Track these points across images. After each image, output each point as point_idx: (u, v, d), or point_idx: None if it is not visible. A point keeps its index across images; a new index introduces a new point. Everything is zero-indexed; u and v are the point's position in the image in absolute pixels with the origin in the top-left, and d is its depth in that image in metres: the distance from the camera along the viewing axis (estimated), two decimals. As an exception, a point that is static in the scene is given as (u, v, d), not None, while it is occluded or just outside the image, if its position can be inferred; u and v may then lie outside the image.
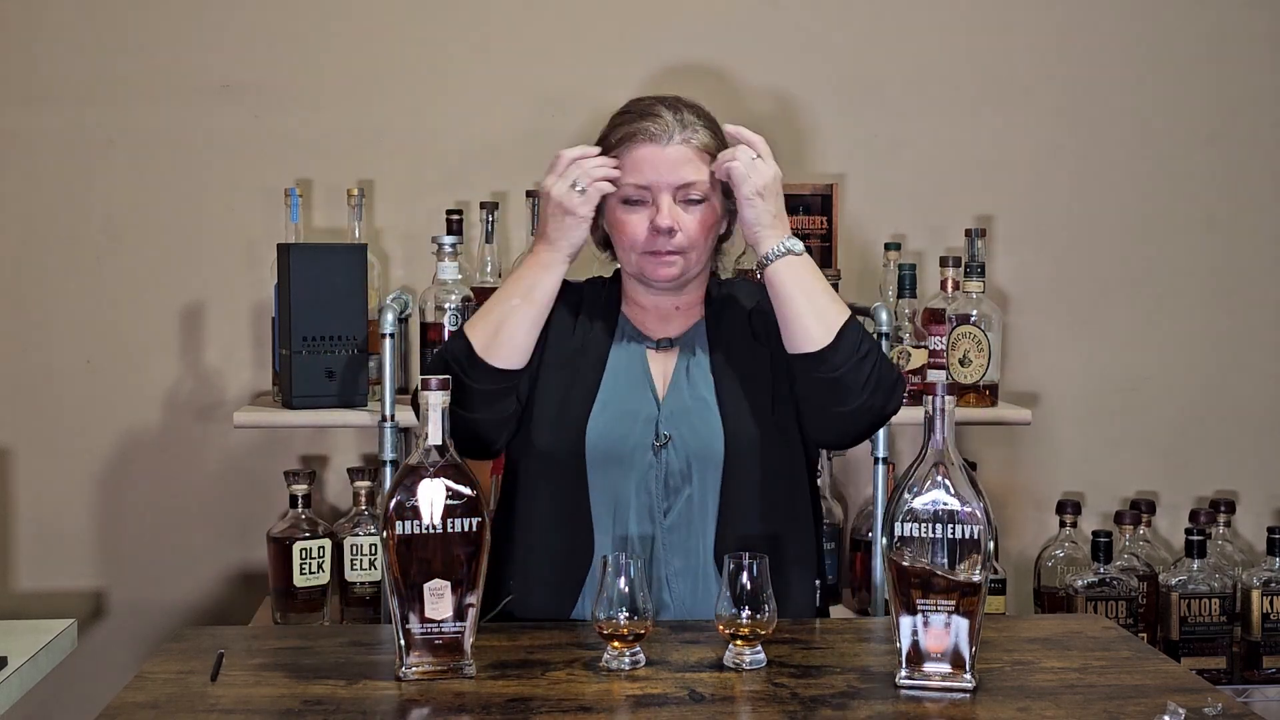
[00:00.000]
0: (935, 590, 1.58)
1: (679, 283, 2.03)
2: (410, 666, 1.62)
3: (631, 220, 1.98)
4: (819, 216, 2.69)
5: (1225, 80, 2.99)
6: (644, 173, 1.96)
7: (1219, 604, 2.63)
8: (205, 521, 2.86)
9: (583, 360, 2.03)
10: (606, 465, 1.96)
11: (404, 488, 1.61)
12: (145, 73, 2.81)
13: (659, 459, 1.97)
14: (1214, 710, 1.53)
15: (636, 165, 1.96)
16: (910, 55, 2.94)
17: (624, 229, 1.99)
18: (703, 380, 2.02)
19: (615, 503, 1.96)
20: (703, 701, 1.56)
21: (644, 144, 1.96)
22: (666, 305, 2.07)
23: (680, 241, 1.96)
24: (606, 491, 1.96)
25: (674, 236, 1.95)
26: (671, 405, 2.00)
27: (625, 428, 1.97)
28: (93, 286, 2.83)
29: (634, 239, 1.98)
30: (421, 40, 2.85)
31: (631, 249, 1.99)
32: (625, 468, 1.96)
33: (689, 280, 2.04)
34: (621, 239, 2.00)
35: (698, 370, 2.03)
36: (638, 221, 1.97)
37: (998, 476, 2.95)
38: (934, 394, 1.59)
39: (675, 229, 1.95)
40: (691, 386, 2.02)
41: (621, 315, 2.08)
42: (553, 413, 1.99)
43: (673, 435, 1.97)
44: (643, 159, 1.96)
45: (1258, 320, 3.02)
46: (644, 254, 1.98)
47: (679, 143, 1.96)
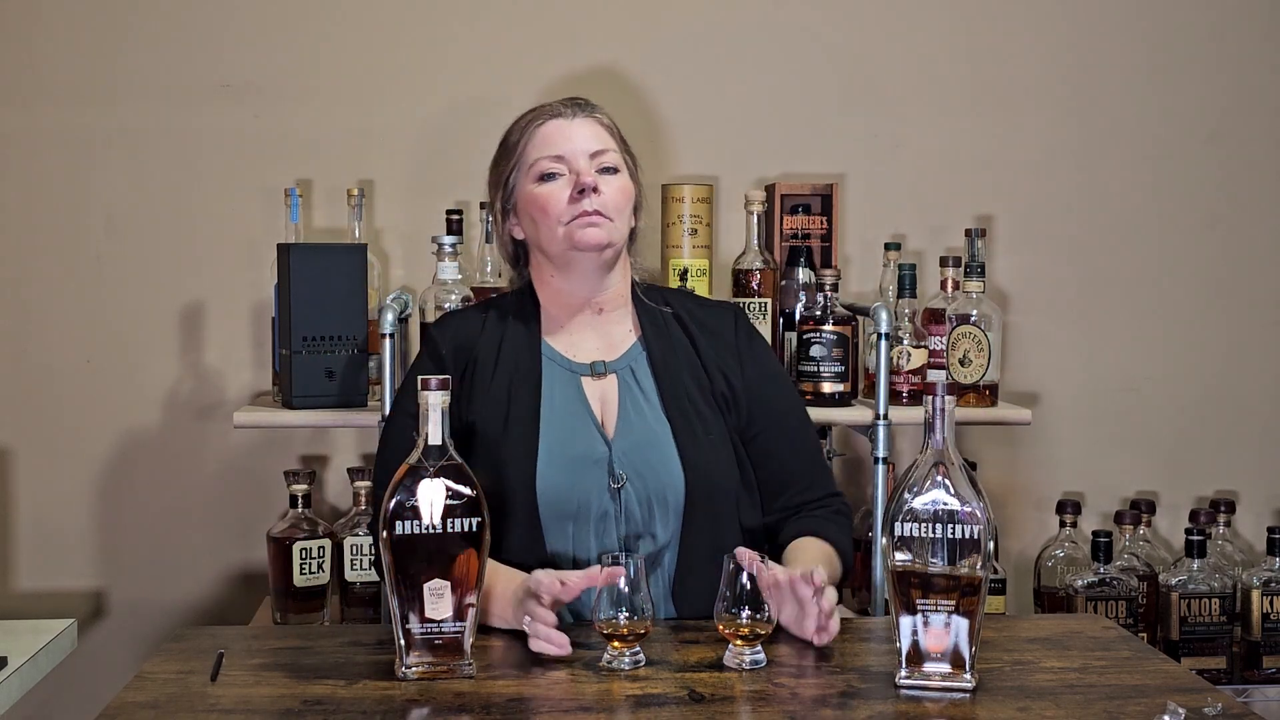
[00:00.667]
0: (935, 590, 1.58)
1: (605, 258, 1.95)
2: (410, 666, 1.62)
3: (550, 190, 1.93)
4: (819, 216, 2.69)
5: (1225, 80, 2.99)
6: (556, 144, 1.95)
7: (1219, 604, 2.63)
8: (205, 521, 2.86)
9: (515, 398, 1.94)
10: (560, 516, 1.90)
11: (404, 488, 1.61)
12: (145, 73, 2.81)
13: (617, 502, 1.91)
14: (1214, 710, 1.53)
15: (547, 140, 1.95)
16: (910, 55, 2.94)
17: (545, 201, 1.93)
18: (652, 413, 1.96)
19: (574, 552, 1.90)
20: (703, 701, 1.56)
21: (550, 120, 1.97)
22: (588, 303, 1.99)
23: (604, 202, 1.92)
24: (563, 538, 1.90)
25: (599, 195, 1.92)
26: (623, 442, 1.93)
27: (576, 474, 1.90)
28: (93, 286, 2.83)
29: (558, 208, 1.92)
30: (421, 40, 2.86)
31: (558, 221, 1.93)
32: (581, 518, 1.90)
33: (612, 261, 1.98)
34: (543, 215, 1.94)
35: (644, 400, 1.97)
36: (557, 190, 1.93)
37: (998, 476, 2.95)
38: (934, 394, 1.59)
39: (599, 188, 1.92)
40: (641, 419, 1.95)
41: (544, 343, 2.00)
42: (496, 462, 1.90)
43: (629, 475, 1.91)
44: (551, 132, 1.96)
45: (1258, 320, 3.02)
46: (570, 223, 1.92)
47: (584, 117, 1.98)
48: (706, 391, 1.99)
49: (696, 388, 1.98)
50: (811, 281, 2.62)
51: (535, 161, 1.95)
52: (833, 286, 2.56)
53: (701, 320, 2.06)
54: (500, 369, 1.98)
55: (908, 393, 2.57)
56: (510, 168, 1.99)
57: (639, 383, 1.98)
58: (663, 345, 2.01)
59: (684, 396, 1.97)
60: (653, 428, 1.95)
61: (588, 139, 1.96)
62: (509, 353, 1.99)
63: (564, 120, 1.96)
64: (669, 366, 1.99)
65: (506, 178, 1.99)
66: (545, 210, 1.94)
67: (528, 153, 1.97)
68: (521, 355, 1.99)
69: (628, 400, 1.97)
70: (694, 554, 1.91)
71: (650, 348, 2.01)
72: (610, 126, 2.01)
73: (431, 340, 2.05)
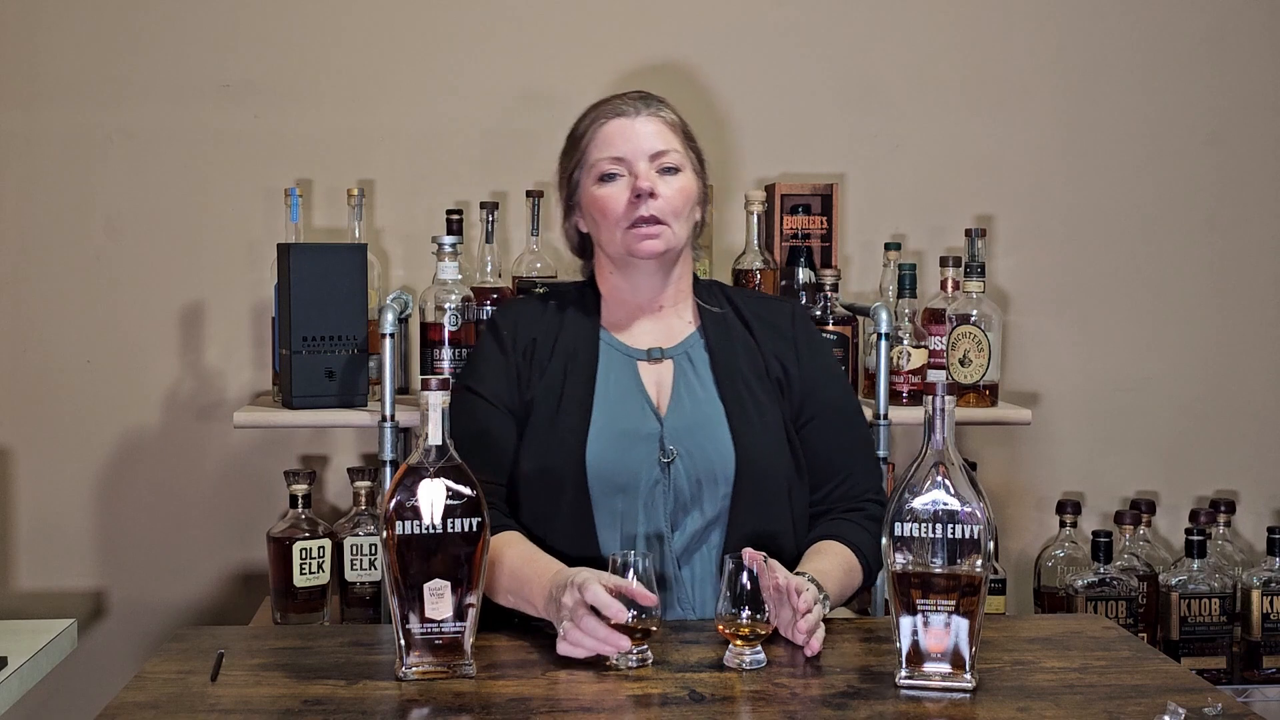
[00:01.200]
0: (935, 590, 1.58)
1: (664, 261, 1.99)
2: (410, 666, 1.62)
3: (610, 193, 1.95)
4: (819, 216, 2.69)
5: (1225, 80, 2.99)
6: (616, 145, 1.96)
7: (1219, 604, 2.63)
8: (205, 521, 2.86)
9: (570, 379, 1.98)
10: (610, 489, 1.92)
11: (404, 488, 1.61)
12: (145, 72, 2.81)
13: (666, 476, 1.93)
14: (1214, 710, 1.53)
15: (608, 140, 1.96)
16: (910, 55, 2.94)
17: (604, 204, 1.96)
18: (705, 394, 1.99)
19: (622, 526, 1.92)
20: (703, 701, 1.56)
21: (613, 119, 1.97)
22: (649, 300, 2.03)
23: (661, 207, 1.93)
24: (612, 514, 1.92)
25: (655, 199, 1.93)
26: (675, 420, 1.95)
27: (626, 447, 1.93)
28: (93, 286, 2.83)
29: (615, 211, 1.94)
30: (421, 40, 2.86)
31: (616, 225, 1.95)
32: (630, 490, 1.92)
33: (672, 261, 2.01)
34: (603, 217, 1.96)
35: (699, 384, 2.00)
36: (616, 193, 1.95)
37: (998, 476, 2.95)
38: (934, 394, 1.59)
39: (656, 192, 1.93)
40: (694, 400, 1.98)
41: (603, 332, 2.04)
42: (548, 439, 1.94)
43: (679, 451, 1.93)
44: (613, 132, 1.96)
45: (1258, 320, 3.02)
46: (628, 228, 1.94)
47: (648, 116, 1.98)
48: (762, 376, 2.01)
49: (752, 372, 2.01)
50: (811, 281, 2.62)
51: (596, 162, 1.97)
52: (833, 286, 2.56)
53: (759, 313, 2.08)
54: (558, 353, 2.01)
55: (908, 393, 2.57)
56: (574, 165, 2.01)
57: (695, 367, 2.01)
58: (720, 333, 2.04)
59: (739, 380, 2.00)
60: (705, 408, 1.97)
61: (649, 138, 1.96)
62: (567, 339, 2.02)
63: (626, 119, 1.97)
64: (725, 352, 2.01)
65: (571, 173, 2.02)
66: (604, 213, 1.96)
67: (590, 152, 1.98)
68: (580, 340, 2.02)
69: (682, 383, 2.00)
70: (742, 532, 1.92)
71: (708, 336, 2.03)
72: (674, 123, 2.00)
73: (494, 324, 2.08)
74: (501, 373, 2.01)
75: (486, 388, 2.01)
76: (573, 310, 2.06)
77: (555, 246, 2.84)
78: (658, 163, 1.96)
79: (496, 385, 2.00)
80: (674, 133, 1.99)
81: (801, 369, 2.04)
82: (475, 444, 1.93)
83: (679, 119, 2.02)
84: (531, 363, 2.01)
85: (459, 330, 2.47)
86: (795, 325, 2.09)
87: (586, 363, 2.00)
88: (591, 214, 1.99)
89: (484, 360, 2.05)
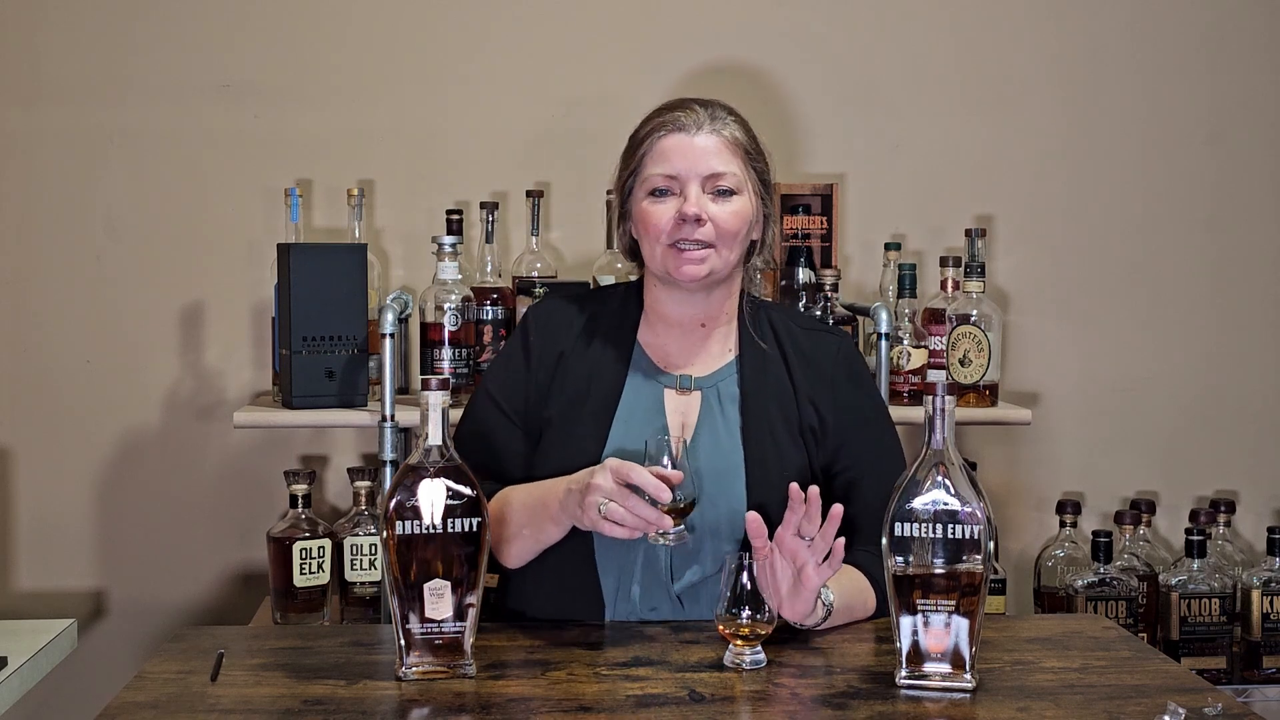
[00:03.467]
0: (935, 590, 1.58)
1: (707, 283, 1.92)
2: (410, 666, 1.62)
3: (657, 210, 1.88)
4: (819, 216, 2.69)
5: (1225, 80, 2.99)
6: (671, 161, 1.88)
7: (1219, 604, 2.63)
8: (205, 521, 2.86)
9: (593, 394, 1.93)
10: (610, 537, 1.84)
11: (404, 488, 1.61)
12: (145, 72, 2.81)
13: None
14: (1214, 710, 1.53)
15: (664, 155, 1.89)
16: (910, 55, 2.94)
17: (649, 219, 1.89)
18: (728, 438, 1.92)
19: (620, 568, 1.88)
20: (703, 701, 1.56)
21: (672, 134, 1.89)
22: (690, 319, 1.97)
23: (709, 233, 1.86)
24: (610, 550, 1.88)
25: (702, 225, 1.86)
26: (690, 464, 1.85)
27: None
28: (93, 286, 2.83)
29: (659, 229, 1.87)
30: (421, 40, 2.85)
31: (656, 241, 1.89)
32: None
33: (717, 283, 1.93)
34: (646, 231, 1.90)
35: (723, 424, 1.92)
36: (663, 211, 1.88)
37: (998, 476, 2.95)
38: (934, 394, 1.59)
39: (703, 218, 1.86)
40: (715, 442, 1.90)
41: (637, 345, 1.98)
42: (561, 455, 1.89)
43: None
44: (670, 148, 1.89)
45: (1257, 320, 3.02)
46: (669, 247, 1.88)
47: (708, 132, 1.89)
48: (793, 425, 1.94)
49: (782, 420, 1.93)
50: (811, 281, 2.62)
51: (649, 176, 1.90)
52: (833, 286, 2.56)
53: (803, 347, 1.99)
54: (586, 365, 1.96)
55: (908, 393, 2.57)
56: (630, 173, 1.94)
57: (723, 406, 1.94)
58: (756, 370, 1.95)
59: (765, 429, 1.92)
60: (726, 454, 1.90)
61: (706, 158, 1.88)
62: (598, 350, 1.97)
63: (686, 136, 1.89)
64: (758, 394, 1.93)
65: (626, 181, 1.95)
66: (647, 229, 1.90)
67: (645, 164, 1.91)
68: (611, 351, 1.96)
69: (705, 421, 1.93)
70: None
71: (744, 371, 1.96)
72: (737, 141, 1.91)
73: (525, 328, 2.02)
74: (520, 383, 1.98)
75: (502, 394, 1.98)
76: (610, 319, 2.00)
77: (555, 246, 2.85)
78: (712, 185, 1.88)
79: (513, 395, 1.97)
80: (734, 152, 1.90)
81: (836, 416, 1.95)
82: (477, 444, 1.94)
83: (744, 135, 1.93)
84: (555, 376, 1.96)
85: (459, 330, 2.47)
86: (836, 365, 1.99)
87: (613, 381, 1.94)
88: (639, 227, 1.93)
89: (507, 364, 2.01)
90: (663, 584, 1.88)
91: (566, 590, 1.90)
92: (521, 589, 1.95)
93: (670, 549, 1.84)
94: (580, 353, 1.97)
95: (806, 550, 1.67)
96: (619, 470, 1.69)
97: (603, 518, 1.68)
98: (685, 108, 1.92)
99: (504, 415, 1.97)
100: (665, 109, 1.94)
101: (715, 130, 1.90)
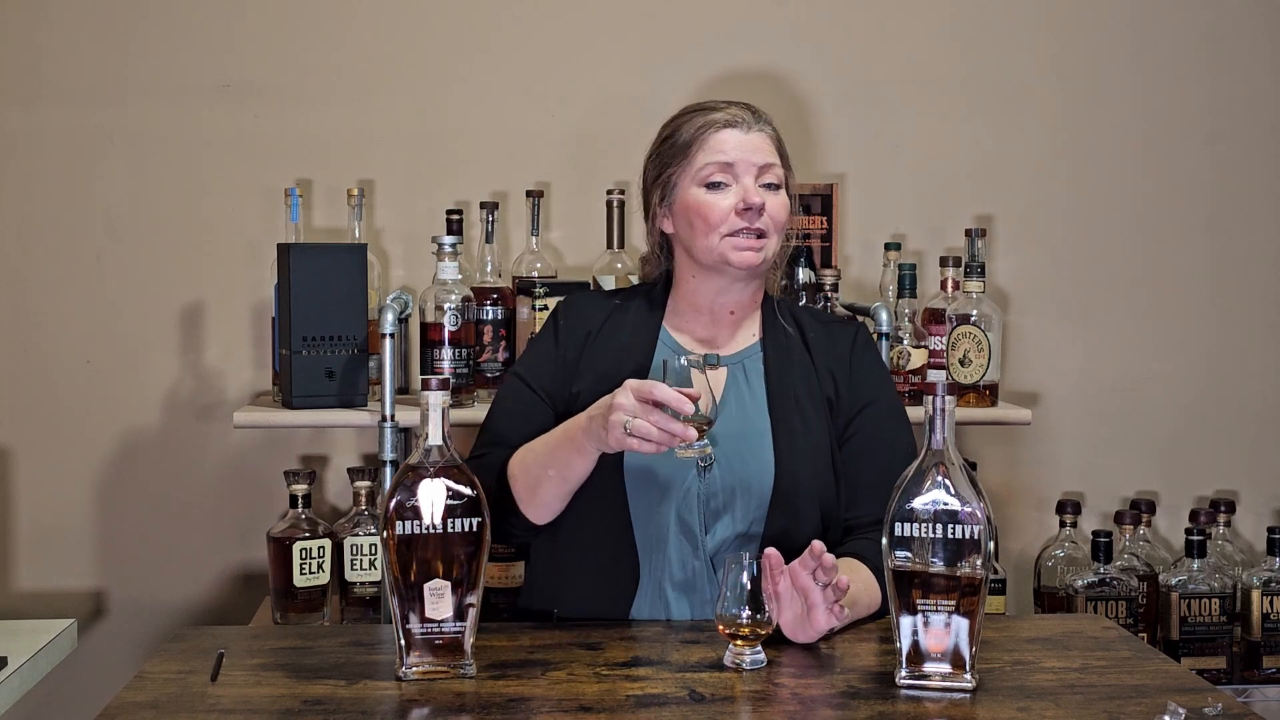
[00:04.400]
0: (935, 590, 1.58)
1: (758, 271, 1.99)
2: (410, 666, 1.62)
3: (716, 200, 1.95)
4: (819, 216, 2.69)
5: (1225, 80, 2.99)
6: (728, 152, 1.95)
7: (1219, 604, 2.63)
8: (205, 521, 2.86)
9: (621, 371, 1.95)
10: (645, 485, 1.92)
11: (404, 488, 1.61)
12: (145, 72, 2.81)
13: (702, 482, 1.92)
14: (1214, 710, 1.53)
15: (719, 147, 1.95)
16: (910, 55, 2.94)
17: (708, 210, 1.95)
18: (755, 406, 1.99)
19: (655, 527, 1.93)
20: (703, 701, 1.56)
21: (725, 129, 1.97)
22: (723, 308, 2.03)
23: (767, 222, 1.95)
24: (647, 510, 1.93)
25: (762, 215, 1.94)
26: (720, 426, 1.90)
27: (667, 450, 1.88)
28: (93, 286, 2.83)
29: (720, 218, 1.94)
30: (422, 40, 2.85)
31: (715, 230, 1.94)
32: (665, 490, 1.92)
33: (761, 273, 2.01)
34: (703, 222, 1.95)
35: (750, 395, 1.99)
36: (721, 201, 1.94)
37: (998, 476, 2.95)
38: (934, 394, 1.59)
39: (764, 207, 1.94)
40: (742, 410, 1.97)
41: (663, 329, 2.05)
42: None
43: (717, 458, 1.92)
44: (725, 140, 1.96)
45: (1257, 320, 3.02)
46: (728, 236, 1.94)
47: (757, 129, 1.98)
48: (815, 395, 2.01)
49: (805, 391, 2.01)
50: (811, 281, 2.62)
51: (703, 166, 1.96)
52: (833, 286, 2.56)
53: (822, 336, 2.07)
54: (614, 346, 2.01)
55: (908, 393, 2.57)
56: (675, 166, 1.99)
57: (748, 379, 2.01)
58: (779, 347, 2.03)
59: (790, 397, 1.99)
60: (752, 420, 1.97)
61: (759, 151, 1.97)
62: (625, 333, 2.03)
63: (739, 131, 1.97)
64: (782, 368, 2.01)
65: (670, 175, 2.00)
66: (706, 219, 1.95)
67: (697, 157, 1.97)
68: (639, 338, 2.03)
69: (732, 392, 2.00)
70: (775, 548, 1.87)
71: (767, 349, 2.03)
72: (776, 139, 2.01)
73: (555, 314, 2.10)
74: (548, 360, 2.04)
75: (529, 372, 2.04)
76: (637, 307, 2.07)
77: (555, 246, 2.85)
78: (763, 178, 1.96)
79: (540, 372, 2.03)
80: (776, 149, 2.00)
81: (852, 390, 2.03)
82: (504, 419, 2.00)
83: (779, 136, 2.02)
84: (583, 354, 2.02)
85: (459, 330, 2.47)
86: (854, 348, 2.07)
87: (640, 359, 2.00)
88: (689, 217, 1.97)
89: (535, 346, 2.09)
90: (696, 541, 1.92)
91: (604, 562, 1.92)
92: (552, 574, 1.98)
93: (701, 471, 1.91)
94: (608, 334, 2.04)
95: (818, 593, 1.70)
96: (640, 389, 1.72)
97: (628, 435, 1.71)
98: (727, 107, 2.00)
99: (531, 390, 2.02)
100: (706, 109, 2.00)
101: (761, 128, 1.99)
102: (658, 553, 1.93)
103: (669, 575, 1.92)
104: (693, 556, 1.92)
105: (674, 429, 1.70)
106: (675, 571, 1.92)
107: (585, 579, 1.95)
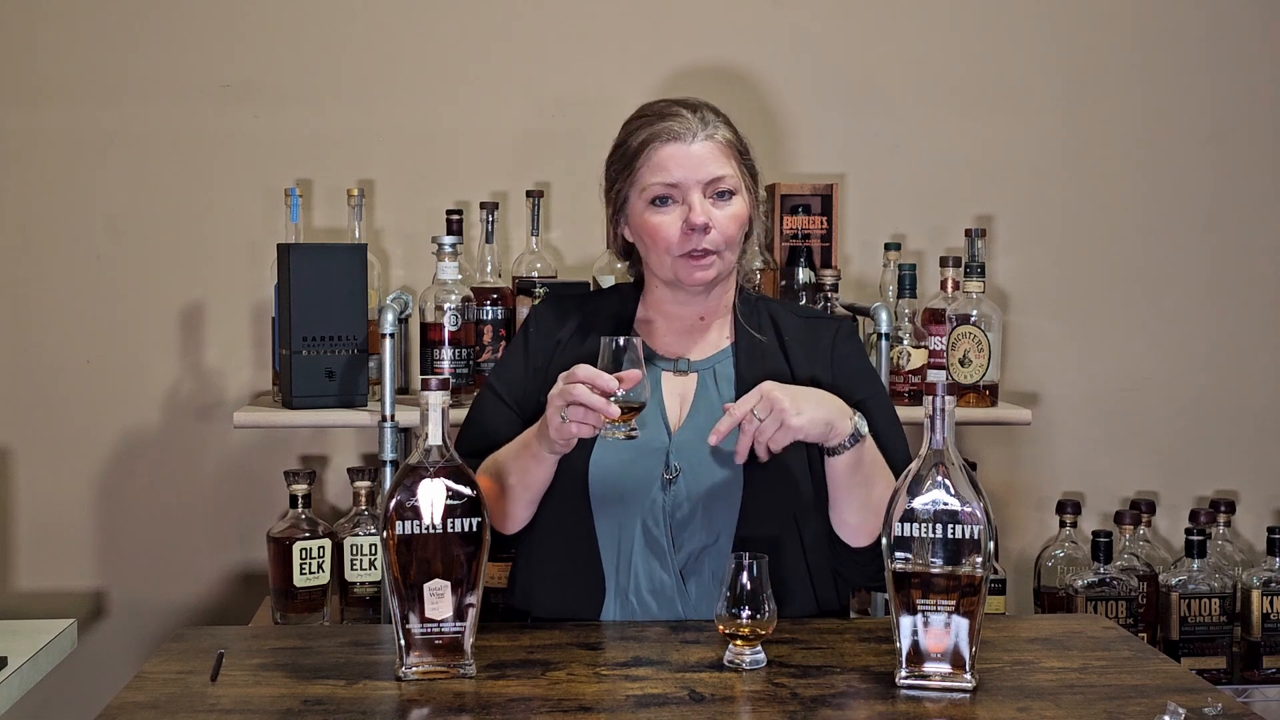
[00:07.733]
0: (935, 590, 1.58)
1: (713, 285, 1.97)
2: (410, 666, 1.62)
3: (663, 222, 1.92)
4: (819, 216, 2.69)
5: (1225, 80, 2.99)
6: (671, 171, 1.91)
7: (1219, 604, 2.63)
8: (205, 521, 2.86)
9: None
10: (610, 498, 1.90)
11: (404, 488, 1.61)
12: (145, 72, 2.81)
13: (667, 494, 1.90)
14: (1214, 710, 1.53)
15: (662, 165, 1.91)
16: (910, 55, 2.94)
17: (656, 232, 1.92)
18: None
19: (620, 539, 1.90)
20: (703, 701, 1.56)
21: (668, 143, 1.92)
22: (691, 314, 2.01)
23: (715, 239, 1.91)
24: (613, 523, 1.91)
25: (709, 233, 1.90)
26: (686, 435, 1.92)
27: (630, 459, 1.89)
28: (93, 286, 2.83)
29: (668, 241, 1.91)
30: (421, 40, 2.86)
31: (666, 252, 1.92)
32: (630, 502, 1.90)
33: (718, 283, 1.98)
34: (654, 243, 1.93)
35: (719, 401, 1.94)
36: (670, 223, 1.91)
37: (998, 476, 2.95)
38: (934, 394, 1.59)
39: (710, 225, 1.90)
40: (710, 418, 1.91)
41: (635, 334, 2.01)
42: None
43: (683, 469, 1.90)
44: (668, 157, 1.91)
45: (1257, 320, 3.02)
46: (679, 257, 1.92)
47: (703, 139, 1.92)
48: None
49: None
50: (811, 281, 2.62)
51: (649, 185, 1.92)
52: (833, 286, 2.56)
53: (801, 336, 2.03)
54: (585, 347, 1.98)
55: (908, 393, 2.57)
56: (624, 181, 1.96)
57: (718, 385, 1.98)
58: (752, 352, 2.00)
59: None
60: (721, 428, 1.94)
61: (704, 165, 1.91)
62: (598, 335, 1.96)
63: (682, 145, 1.91)
64: (753, 372, 1.95)
65: (619, 188, 1.97)
66: (654, 240, 1.93)
67: (642, 174, 1.93)
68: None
69: (702, 399, 1.97)
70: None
71: (739, 354, 2.00)
72: (729, 143, 1.95)
73: (526, 322, 2.09)
74: (518, 370, 2.03)
75: (500, 382, 2.04)
76: (609, 313, 2.05)
77: (555, 246, 2.85)
78: (712, 189, 1.92)
79: (511, 383, 2.02)
80: (728, 154, 1.94)
81: (838, 390, 1.93)
82: (474, 430, 2.00)
83: (734, 136, 1.97)
84: (552, 361, 2.00)
85: (459, 330, 2.47)
86: (836, 344, 2.03)
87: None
88: (640, 236, 1.96)
89: (507, 355, 2.09)
90: (664, 553, 1.90)
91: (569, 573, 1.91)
92: (527, 578, 1.97)
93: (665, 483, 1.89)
94: (578, 342, 2.02)
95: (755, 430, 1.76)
96: (566, 375, 1.76)
97: (565, 422, 1.74)
98: (675, 115, 1.94)
99: (501, 401, 2.01)
100: (654, 116, 1.96)
101: (709, 136, 1.94)
102: (624, 564, 1.90)
103: (636, 587, 1.90)
104: (661, 569, 1.89)
105: (594, 403, 1.71)
106: (643, 583, 1.90)
107: (556, 586, 1.93)
